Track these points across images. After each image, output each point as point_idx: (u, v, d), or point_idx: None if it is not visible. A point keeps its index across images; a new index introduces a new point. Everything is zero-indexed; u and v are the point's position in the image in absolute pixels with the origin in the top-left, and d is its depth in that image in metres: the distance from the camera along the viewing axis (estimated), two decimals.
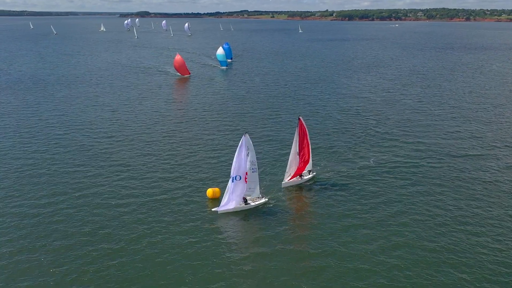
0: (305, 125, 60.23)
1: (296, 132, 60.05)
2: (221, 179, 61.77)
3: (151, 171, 65.38)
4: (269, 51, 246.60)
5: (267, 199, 55.94)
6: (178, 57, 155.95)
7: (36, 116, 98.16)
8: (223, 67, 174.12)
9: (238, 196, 53.32)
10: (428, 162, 70.48)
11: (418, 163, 70.11)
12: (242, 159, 52.43)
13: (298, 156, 60.54)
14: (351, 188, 60.14)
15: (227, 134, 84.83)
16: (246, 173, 53.03)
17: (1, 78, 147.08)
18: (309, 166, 62.77)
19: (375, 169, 67.12)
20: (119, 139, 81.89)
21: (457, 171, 66.84)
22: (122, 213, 52.23)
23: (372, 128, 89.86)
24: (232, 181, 52.58)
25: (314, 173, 64.06)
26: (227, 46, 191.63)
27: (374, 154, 73.99)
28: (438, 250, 45.01)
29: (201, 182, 61.51)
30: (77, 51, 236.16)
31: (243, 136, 52.53)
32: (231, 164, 53.68)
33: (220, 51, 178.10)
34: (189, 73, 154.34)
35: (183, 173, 65.12)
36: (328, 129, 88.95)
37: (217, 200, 55.44)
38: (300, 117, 60.27)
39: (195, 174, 64.74)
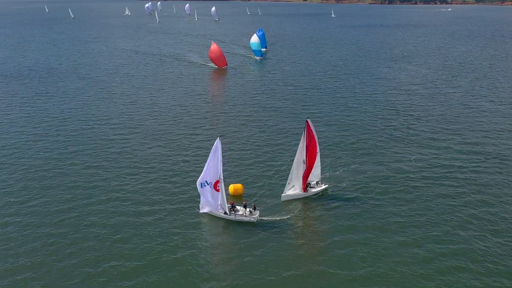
0: (313, 130, 57.44)
1: (302, 137, 57.44)
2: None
3: (182, 172, 66.66)
4: (302, 38, 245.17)
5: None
6: (214, 46, 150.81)
7: (46, 109, 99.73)
8: (257, 57, 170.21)
9: (212, 202, 53.40)
10: (476, 167, 69.11)
11: (464, 167, 68.99)
12: (214, 164, 52.00)
13: (304, 165, 58.24)
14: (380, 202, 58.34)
15: (269, 133, 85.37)
16: (218, 180, 52.60)
17: (10, 67, 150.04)
18: (316, 177, 60.70)
19: (416, 174, 66.42)
20: (138, 135, 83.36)
21: None
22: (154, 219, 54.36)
23: (412, 125, 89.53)
24: (201, 187, 53.16)
25: (326, 185, 61.33)
26: (261, 33, 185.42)
27: (414, 154, 73.93)
28: None
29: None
30: (93, 37, 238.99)
31: (217, 140, 51.80)
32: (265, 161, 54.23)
33: (254, 39, 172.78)
34: (226, 65, 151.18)
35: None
36: (362, 126, 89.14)
37: (239, 196, 58.45)
38: (308, 120, 57.44)
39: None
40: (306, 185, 59.53)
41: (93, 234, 50.14)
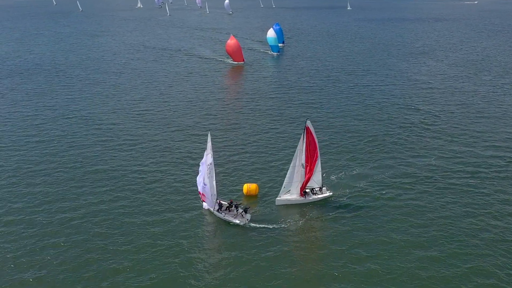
0: (313, 132, 56.21)
1: (301, 140, 56.37)
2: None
3: (193, 172, 66.64)
4: (319, 32, 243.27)
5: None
6: (232, 40, 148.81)
7: (51, 107, 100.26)
8: (274, 53, 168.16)
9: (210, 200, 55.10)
10: (502, 171, 68.15)
11: (488, 171, 67.96)
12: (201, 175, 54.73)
13: (303, 168, 57.41)
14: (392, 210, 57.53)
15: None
16: (199, 192, 55.62)
17: (16, 62, 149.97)
18: (317, 182, 59.43)
19: (433, 179, 65.74)
20: (147, 133, 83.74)
21: None
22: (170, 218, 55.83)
23: (432, 125, 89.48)
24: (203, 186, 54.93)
25: (331, 193, 59.84)
26: (278, 28, 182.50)
27: (434, 154, 73.58)
28: None
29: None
30: (101, 31, 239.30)
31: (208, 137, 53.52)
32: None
33: (270, 33, 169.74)
34: (244, 60, 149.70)
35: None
36: (378, 125, 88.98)
37: (254, 197, 59.56)
38: (308, 122, 55.98)
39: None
40: (304, 191, 58.69)
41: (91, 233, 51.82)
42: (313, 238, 51.97)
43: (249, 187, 59.59)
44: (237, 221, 53.44)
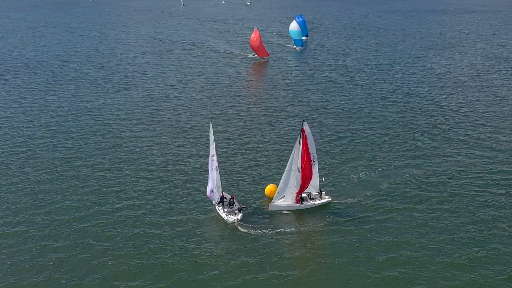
0: (308, 135, 54.46)
1: (297, 142, 55.09)
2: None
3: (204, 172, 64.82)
4: (342, 24, 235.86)
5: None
6: (256, 33, 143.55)
7: (58, 102, 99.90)
8: (298, 47, 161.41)
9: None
10: None
11: None
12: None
13: (299, 173, 55.92)
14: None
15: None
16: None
17: (22, 54, 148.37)
18: (315, 188, 57.81)
19: (460, 181, 63.73)
20: (158, 132, 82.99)
21: None
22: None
23: (458, 124, 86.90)
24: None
25: (329, 198, 58.05)
26: (301, 20, 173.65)
27: (462, 154, 72.43)
28: None
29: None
30: (112, 22, 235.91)
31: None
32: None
33: (293, 26, 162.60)
34: (268, 55, 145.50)
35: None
36: (400, 124, 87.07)
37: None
38: (304, 123, 54.48)
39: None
40: (300, 196, 57.22)
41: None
42: (308, 248, 50.45)
43: (271, 188, 58.93)
44: (227, 219, 54.15)
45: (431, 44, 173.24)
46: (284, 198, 56.44)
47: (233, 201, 55.85)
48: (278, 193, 56.10)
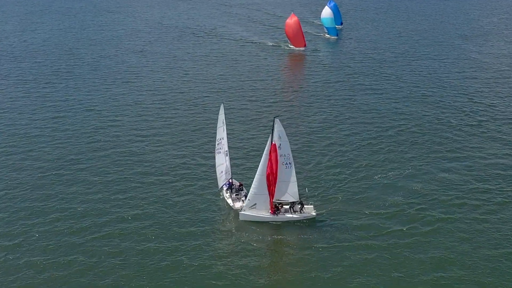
0: (276, 134, 51.47)
1: (268, 142, 52.43)
2: None
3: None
4: (375, 9, 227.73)
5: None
6: (293, 18, 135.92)
7: (57, 97, 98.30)
8: (332, 37, 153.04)
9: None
10: None
11: None
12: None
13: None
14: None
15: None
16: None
17: (18, 42, 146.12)
18: (293, 195, 53.75)
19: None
20: (167, 129, 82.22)
21: None
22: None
23: (489, 121, 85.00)
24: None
25: (315, 213, 54.04)
26: (333, 5, 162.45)
27: (489, 158, 71.43)
28: None
29: None
30: (117, 6, 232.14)
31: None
32: None
33: (326, 13, 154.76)
34: (305, 45, 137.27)
35: None
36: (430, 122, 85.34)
37: None
38: (276, 119, 51.54)
39: None
40: (275, 206, 53.95)
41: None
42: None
43: None
44: (233, 205, 55.78)
45: (468, 31, 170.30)
46: (256, 207, 53.31)
47: (242, 188, 57.65)
48: (249, 200, 53.24)
